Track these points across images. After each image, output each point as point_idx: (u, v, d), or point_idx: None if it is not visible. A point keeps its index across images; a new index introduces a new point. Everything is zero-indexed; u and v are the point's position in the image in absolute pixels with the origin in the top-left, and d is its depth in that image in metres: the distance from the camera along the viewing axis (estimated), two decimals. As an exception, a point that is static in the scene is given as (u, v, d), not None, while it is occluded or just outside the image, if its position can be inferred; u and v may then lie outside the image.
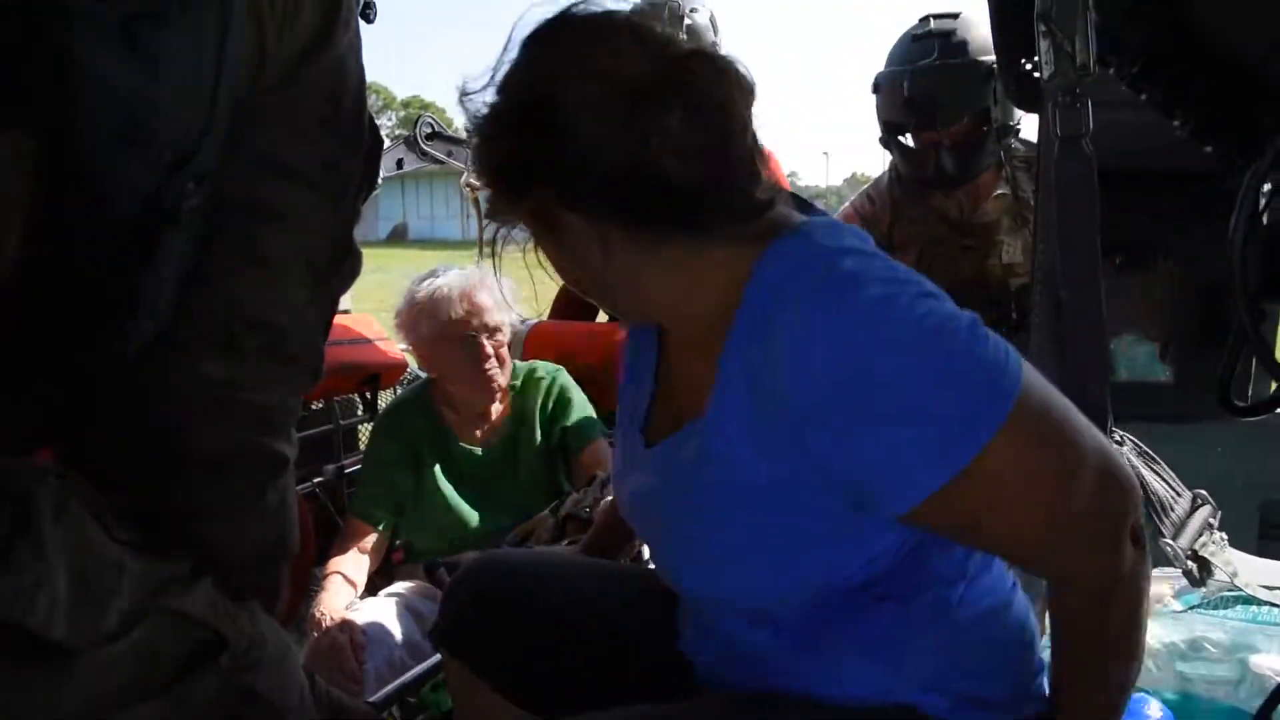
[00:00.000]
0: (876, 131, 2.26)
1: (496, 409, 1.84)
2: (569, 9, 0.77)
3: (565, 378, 1.92)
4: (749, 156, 0.76)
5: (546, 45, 0.76)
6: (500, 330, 1.78)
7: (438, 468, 1.78)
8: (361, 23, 0.76)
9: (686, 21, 2.18)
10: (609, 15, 0.77)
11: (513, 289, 1.84)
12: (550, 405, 1.86)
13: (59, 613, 0.54)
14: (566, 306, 2.54)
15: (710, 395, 0.78)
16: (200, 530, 0.67)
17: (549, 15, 0.77)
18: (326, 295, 0.71)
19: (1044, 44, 1.23)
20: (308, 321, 0.69)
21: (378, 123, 0.78)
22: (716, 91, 0.73)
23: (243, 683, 0.67)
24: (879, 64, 2.24)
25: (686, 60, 0.73)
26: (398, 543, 1.84)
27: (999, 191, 2.22)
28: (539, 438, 1.84)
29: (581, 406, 1.89)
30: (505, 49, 0.77)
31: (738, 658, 0.86)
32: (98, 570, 0.58)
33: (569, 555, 1.19)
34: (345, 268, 0.73)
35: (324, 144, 0.67)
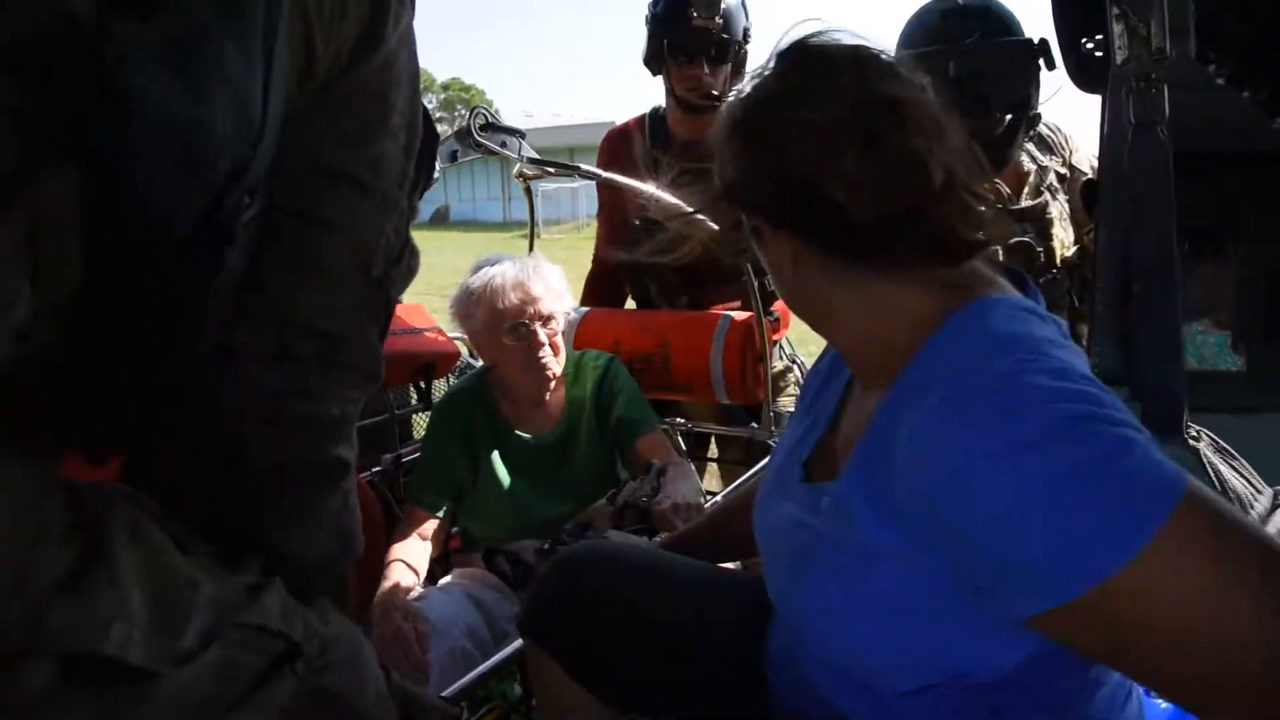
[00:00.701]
0: None
1: (552, 397, 1.86)
2: (811, 35, 0.81)
3: (618, 366, 1.93)
4: (946, 199, 0.74)
5: (780, 67, 0.81)
6: (554, 319, 1.79)
7: (495, 456, 1.80)
8: None
9: (722, 3, 2.14)
10: (837, 48, 0.80)
11: (562, 277, 1.89)
12: (604, 394, 1.88)
13: (136, 638, 0.54)
14: (593, 294, 2.53)
15: (855, 448, 0.77)
16: (268, 539, 0.67)
17: (800, 36, 0.82)
18: (382, 299, 0.70)
19: (1117, 27, 1.19)
20: (364, 327, 0.68)
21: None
22: (898, 137, 0.73)
23: (318, 684, 0.68)
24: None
25: (877, 103, 0.74)
26: (455, 530, 1.87)
27: (1026, 169, 2.15)
28: (594, 426, 1.86)
29: (635, 396, 1.90)
30: (764, 65, 0.82)
31: (817, 700, 0.85)
32: (173, 592, 0.58)
33: (659, 552, 1.19)
34: (402, 269, 0.71)
35: (375, 146, 0.65)
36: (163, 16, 0.45)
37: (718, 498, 1.73)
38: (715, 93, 2.17)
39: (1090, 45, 1.99)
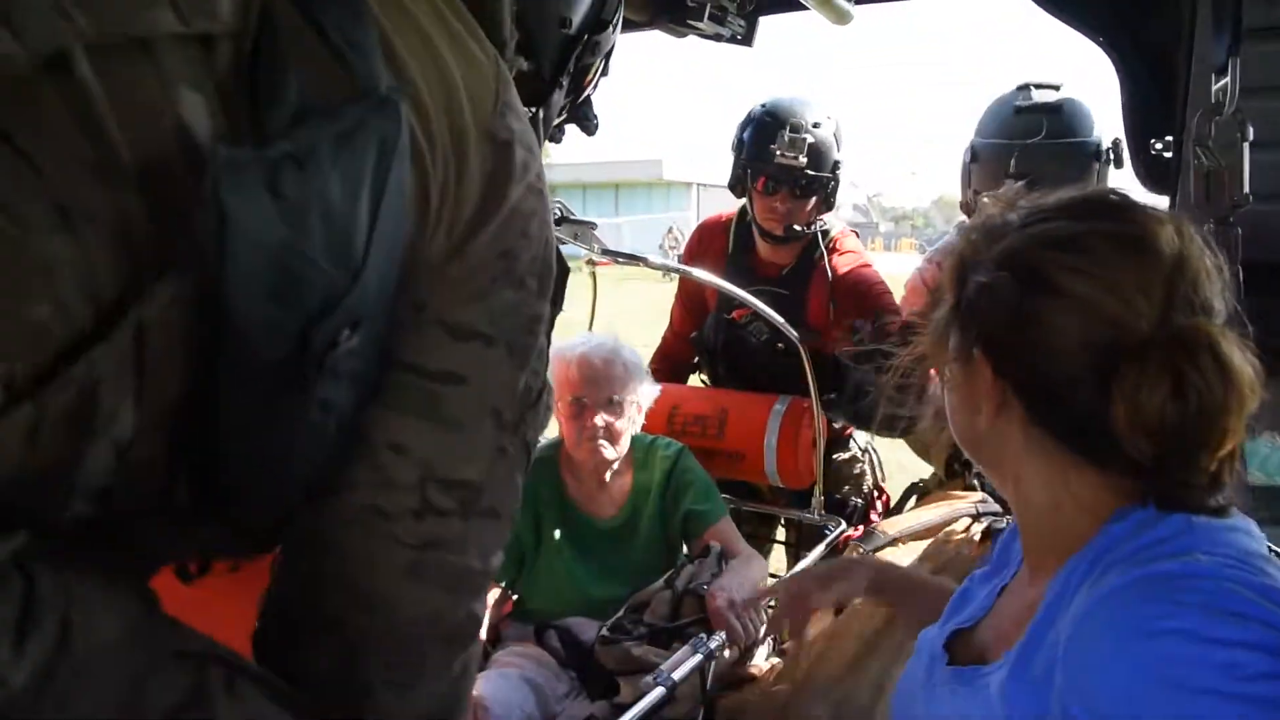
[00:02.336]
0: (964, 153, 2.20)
1: (616, 481, 1.88)
2: (1115, 191, 0.76)
3: (688, 459, 1.92)
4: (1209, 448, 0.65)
5: (1082, 215, 0.73)
6: (620, 406, 1.82)
7: (557, 533, 1.83)
8: None
9: (809, 140, 2.10)
10: (1157, 224, 0.70)
11: (644, 370, 1.91)
12: (672, 484, 1.88)
13: None
14: (661, 368, 2.51)
15: (1024, 632, 0.71)
16: (379, 697, 0.63)
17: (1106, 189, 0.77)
18: (520, 441, 0.68)
19: (1200, 170, 1.21)
20: (502, 472, 0.67)
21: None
22: (1210, 392, 0.63)
23: None
24: (965, 83, 2.20)
25: (1199, 341, 0.64)
26: (512, 595, 1.90)
27: None
28: (657, 514, 1.86)
29: (704, 487, 1.89)
30: (1059, 196, 0.76)
31: None
32: None
33: None
34: (539, 410, 0.70)
35: (500, 298, 0.64)
36: (274, 143, 0.46)
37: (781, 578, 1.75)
38: (796, 227, 2.17)
39: (1160, 146, 2.01)
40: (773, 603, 1.54)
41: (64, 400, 0.42)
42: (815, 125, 2.13)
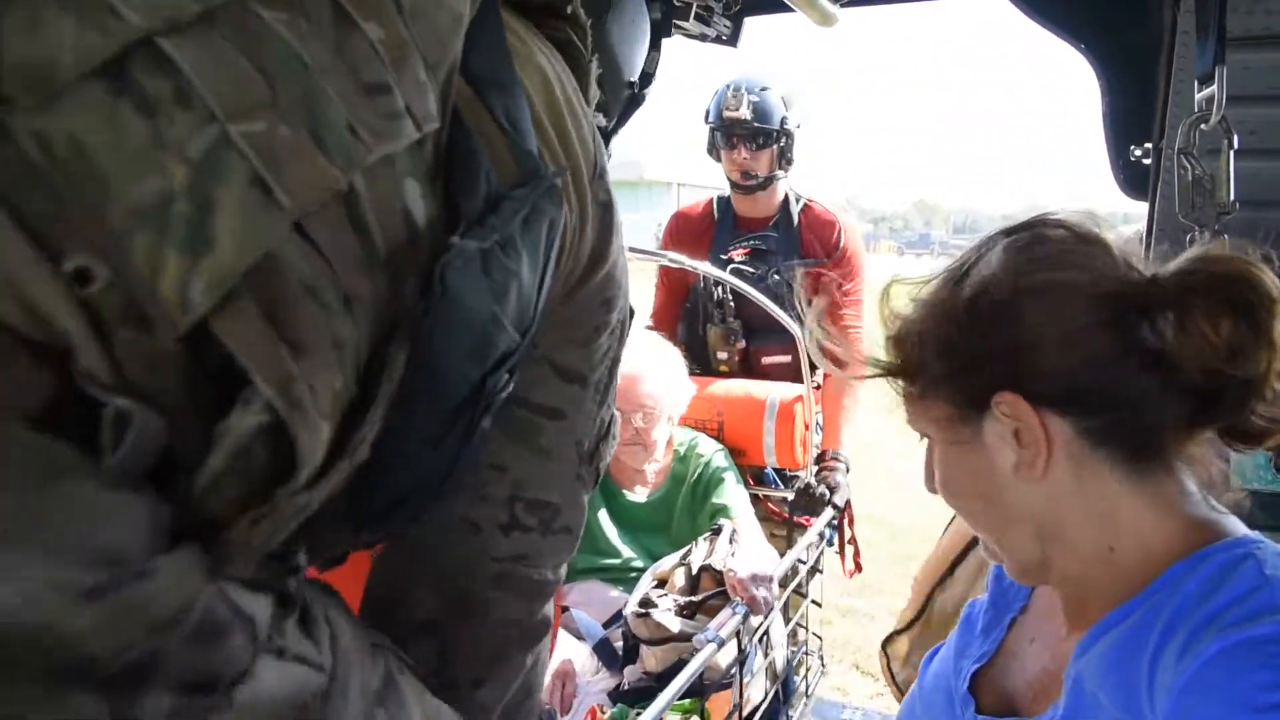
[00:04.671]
0: (947, 154, 2.32)
1: (653, 467, 2.05)
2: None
3: (722, 458, 2.13)
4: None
5: (1021, 243, 0.72)
6: (652, 415, 1.93)
7: (603, 510, 2.04)
8: None
9: (753, 99, 2.45)
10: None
11: (685, 380, 2.12)
12: (705, 479, 2.08)
13: None
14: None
15: (1055, 700, 0.69)
16: (455, 697, 0.71)
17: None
18: (593, 469, 0.77)
19: (1185, 178, 1.21)
20: (578, 496, 0.76)
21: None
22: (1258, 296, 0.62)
23: None
24: (946, 85, 2.28)
25: (1209, 267, 0.65)
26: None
27: None
28: (689, 502, 2.07)
29: (733, 485, 2.08)
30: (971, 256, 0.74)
31: None
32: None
33: None
34: (609, 439, 0.78)
35: (599, 343, 0.73)
36: (479, 230, 0.53)
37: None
38: (756, 174, 2.51)
39: (1139, 153, 2.03)
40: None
41: (360, 456, 0.49)
42: (763, 89, 2.49)
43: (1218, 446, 0.69)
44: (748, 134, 2.48)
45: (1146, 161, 2.01)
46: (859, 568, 2.39)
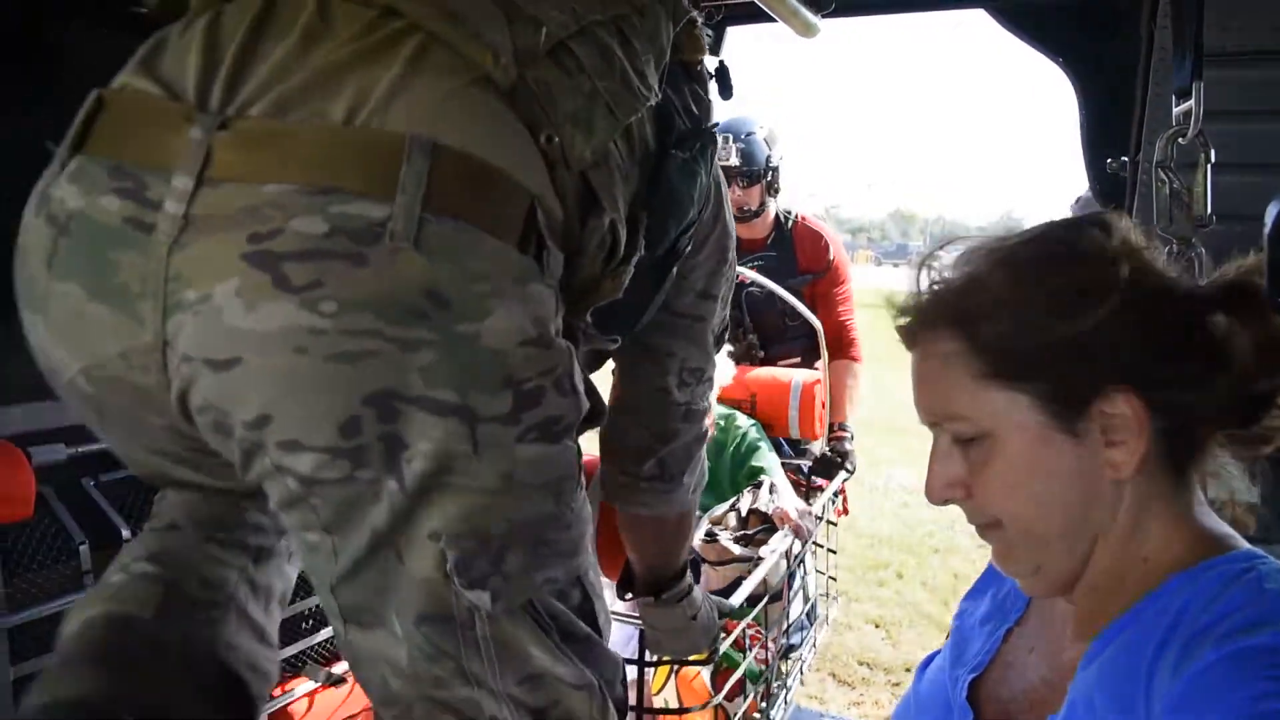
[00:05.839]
0: (923, 165, 2.40)
1: None
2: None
3: (756, 430, 2.54)
4: None
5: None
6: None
7: None
8: None
9: (741, 146, 2.74)
10: None
11: (725, 358, 2.43)
12: (743, 447, 2.48)
13: None
14: None
15: (1056, 712, 0.68)
16: (684, 480, 1.28)
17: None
18: (720, 344, 1.25)
19: (1162, 191, 1.22)
20: (713, 360, 1.24)
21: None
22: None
23: None
24: (923, 95, 2.31)
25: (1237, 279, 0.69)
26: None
27: None
28: (728, 468, 2.47)
29: (767, 450, 2.49)
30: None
31: None
32: None
33: None
34: (726, 329, 1.26)
35: (720, 273, 1.17)
36: (680, 150, 0.93)
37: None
38: (749, 206, 2.84)
39: (1114, 165, 2.05)
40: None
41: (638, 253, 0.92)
42: (748, 134, 2.80)
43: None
44: (738, 174, 2.78)
45: (1123, 174, 2.04)
46: (846, 510, 2.87)
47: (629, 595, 1.47)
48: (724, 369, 2.48)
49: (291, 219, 0.65)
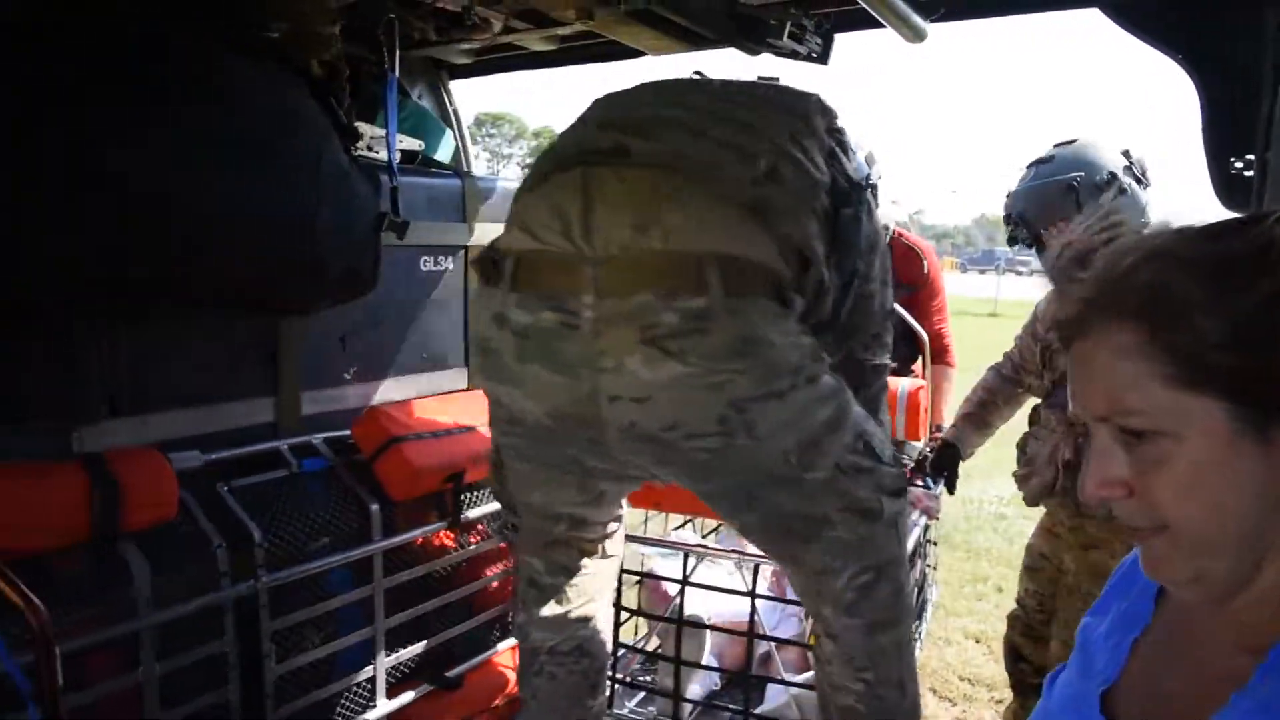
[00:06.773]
0: (1004, 171, 2.35)
1: None
2: None
3: None
4: None
5: None
6: None
7: None
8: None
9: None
10: None
11: None
12: None
13: None
14: None
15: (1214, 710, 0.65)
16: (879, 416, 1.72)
17: None
18: (884, 360, 1.74)
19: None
20: (885, 327, 1.68)
21: (510, 151, 2.12)
22: None
23: None
24: (1008, 102, 2.27)
25: None
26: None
27: None
28: None
29: None
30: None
31: None
32: None
33: None
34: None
35: (882, 262, 1.62)
36: (849, 207, 1.42)
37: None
38: None
39: (1240, 165, 1.97)
40: None
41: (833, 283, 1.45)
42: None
43: None
44: None
45: (1248, 173, 1.95)
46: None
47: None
48: None
49: (661, 315, 1.21)
